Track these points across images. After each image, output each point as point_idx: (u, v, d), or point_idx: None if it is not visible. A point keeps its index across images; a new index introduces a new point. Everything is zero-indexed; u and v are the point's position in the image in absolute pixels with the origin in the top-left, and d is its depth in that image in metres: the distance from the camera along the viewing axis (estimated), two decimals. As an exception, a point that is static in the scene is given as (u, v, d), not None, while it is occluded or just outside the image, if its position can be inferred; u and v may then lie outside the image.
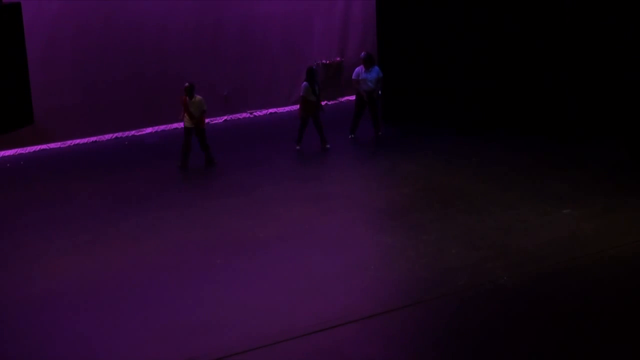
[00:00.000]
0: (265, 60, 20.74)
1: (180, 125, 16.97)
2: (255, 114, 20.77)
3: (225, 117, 20.31)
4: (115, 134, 19.05)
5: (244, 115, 20.63)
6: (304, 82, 17.57)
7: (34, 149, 18.39)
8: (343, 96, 21.57)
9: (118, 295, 11.57)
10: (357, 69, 18.29)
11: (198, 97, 16.62)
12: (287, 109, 21.12)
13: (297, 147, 17.67)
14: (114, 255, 12.89)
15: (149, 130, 19.46)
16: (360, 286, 11.59)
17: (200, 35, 19.88)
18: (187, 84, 16.66)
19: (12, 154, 18.16)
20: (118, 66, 18.94)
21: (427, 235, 13.06)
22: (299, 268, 12.19)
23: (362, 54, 18.60)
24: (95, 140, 18.97)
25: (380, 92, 18.56)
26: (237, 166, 16.88)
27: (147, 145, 18.75)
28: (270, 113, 20.90)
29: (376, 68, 18.27)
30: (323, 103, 18.44)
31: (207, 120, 16.89)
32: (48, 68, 18.11)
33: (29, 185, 16.39)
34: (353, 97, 18.86)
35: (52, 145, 18.58)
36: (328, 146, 17.61)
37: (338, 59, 21.58)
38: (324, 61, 21.39)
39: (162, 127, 19.51)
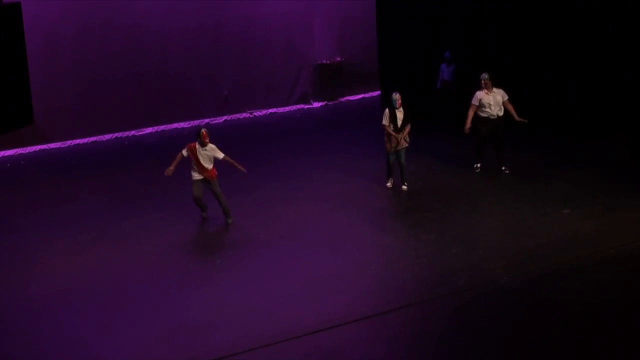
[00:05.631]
0: (265, 61, 20.74)
1: (180, 125, 16.76)
2: (255, 114, 20.77)
3: (225, 117, 20.30)
4: (115, 134, 19.06)
5: (244, 115, 20.63)
6: (386, 109, 14.98)
7: (34, 149, 18.39)
8: (343, 96, 21.57)
9: (118, 295, 11.57)
10: (477, 93, 15.36)
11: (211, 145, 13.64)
12: (287, 109, 21.14)
13: (388, 184, 15.24)
14: (114, 255, 12.89)
15: (149, 130, 19.47)
16: (360, 286, 11.59)
17: (201, 35, 19.88)
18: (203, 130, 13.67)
19: (12, 154, 18.16)
20: (118, 66, 18.94)
21: (427, 235, 13.07)
22: (299, 268, 12.19)
23: (483, 75, 15.20)
24: (95, 140, 18.98)
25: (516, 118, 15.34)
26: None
27: (147, 145, 18.74)
28: (270, 113, 20.91)
29: (500, 90, 15.42)
30: (322, 104, 18.27)
31: (207, 120, 16.70)
32: (48, 68, 18.11)
33: (29, 185, 16.39)
34: (353, 97, 18.60)
35: (52, 145, 18.59)
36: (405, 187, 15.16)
37: (338, 59, 21.58)
38: (324, 61, 21.40)
39: (162, 127, 19.52)
